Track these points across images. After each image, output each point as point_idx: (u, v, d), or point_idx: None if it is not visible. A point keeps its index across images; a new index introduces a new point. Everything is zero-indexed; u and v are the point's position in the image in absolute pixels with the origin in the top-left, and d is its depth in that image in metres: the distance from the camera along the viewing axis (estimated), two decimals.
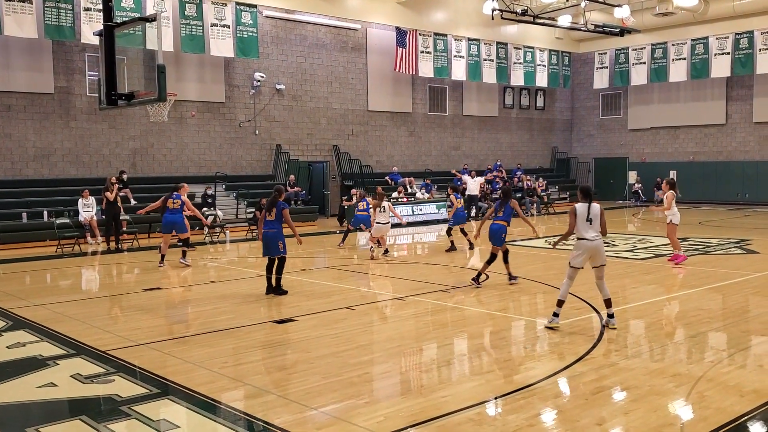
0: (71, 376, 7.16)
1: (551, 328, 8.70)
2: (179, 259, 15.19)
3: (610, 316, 8.79)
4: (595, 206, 8.76)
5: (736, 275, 12.78)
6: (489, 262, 11.96)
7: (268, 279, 11.50)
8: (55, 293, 12.51)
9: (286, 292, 11.34)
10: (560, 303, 8.80)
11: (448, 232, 17.15)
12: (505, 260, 12.22)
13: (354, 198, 21.35)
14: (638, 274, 12.97)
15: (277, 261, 11.36)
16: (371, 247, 16.22)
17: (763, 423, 5.75)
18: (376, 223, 16.03)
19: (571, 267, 8.78)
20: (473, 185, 27.41)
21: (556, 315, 8.80)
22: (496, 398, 6.30)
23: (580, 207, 8.76)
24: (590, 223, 8.67)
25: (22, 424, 5.88)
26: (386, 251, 16.30)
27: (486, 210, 27.27)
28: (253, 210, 21.00)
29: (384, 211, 16.03)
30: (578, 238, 8.75)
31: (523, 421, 5.68)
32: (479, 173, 30.11)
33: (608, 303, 8.81)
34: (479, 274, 12.05)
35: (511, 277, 12.20)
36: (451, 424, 5.65)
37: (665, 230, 14.88)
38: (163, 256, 14.93)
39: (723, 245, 17.31)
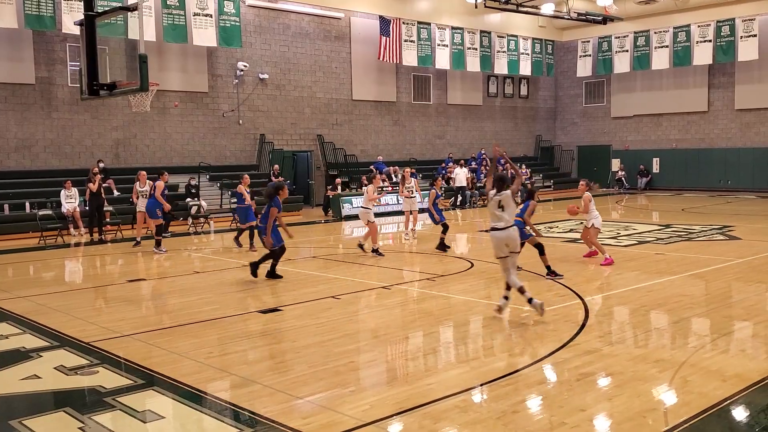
0: (55, 368, 7.13)
1: (499, 309, 8.72)
2: (153, 248, 15.64)
3: (506, 298, 8.73)
4: (507, 193, 8.56)
5: (718, 261, 12.90)
6: (541, 253, 11.50)
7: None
8: (38, 285, 12.41)
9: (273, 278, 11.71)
10: (508, 287, 8.74)
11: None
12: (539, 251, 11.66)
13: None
14: (622, 260, 13.05)
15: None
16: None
17: (745, 407, 5.82)
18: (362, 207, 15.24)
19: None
20: (461, 175, 27.44)
21: (506, 298, 8.74)
22: (481, 385, 6.33)
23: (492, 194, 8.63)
24: (502, 210, 8.52)
25: (6, 417, 5.84)
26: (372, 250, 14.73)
27: (470, 199, 27.47)
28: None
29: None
30: (491, 229, 8.64)
31: (508, 407, 5.72)
32: (465, 162, 30.17)
33: (522, 290, 8.58)
34: (549, 267, 11.47)
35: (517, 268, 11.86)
36: (437, 412, 5.68)
37: (583, 234, 13.49)
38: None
39: (705, 231, 17.46)
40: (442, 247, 14.99)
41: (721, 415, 5.59)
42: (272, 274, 11.81)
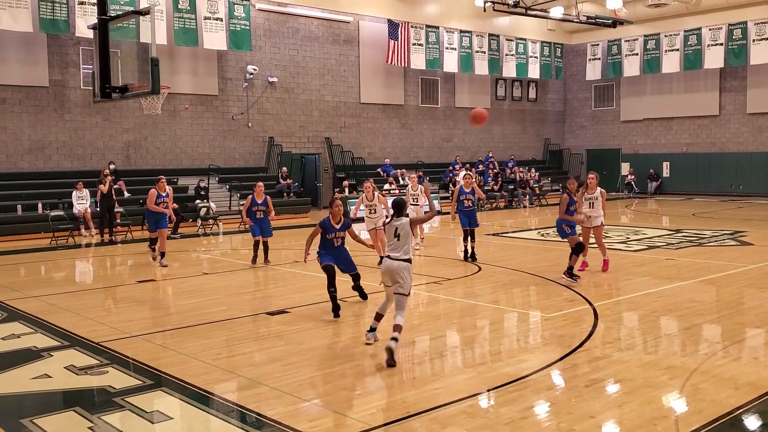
0: (65, 367, 7.17)
1: (369, 344, 7.79)
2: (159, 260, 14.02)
3: (394, 339, 7.11)
4: (405, 221, 7.49)
5: (730, 267, 12.82)
6: (575, 253, 11.20)
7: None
8: (49, 285, 12.48)
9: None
10: (378, 317, 7.89)
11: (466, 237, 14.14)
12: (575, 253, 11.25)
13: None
14: (631, 265, 13.01)
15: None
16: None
17: (758, 416, 5.75)
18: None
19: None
20: (460, 175, 27.33)
21: (372, 329, 7.90)
22: (488, 390, 6.31)
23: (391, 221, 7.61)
24: (398, 240, 7.44)
25: (17, 415, 5.89)
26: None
27: (477, 202, 27.32)
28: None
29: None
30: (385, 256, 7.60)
31: (516, 413, 5.70)
32: (471, 165, 30.13)
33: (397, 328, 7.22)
34: (572, 269, 11.22)
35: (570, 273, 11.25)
36: (444, 417, 5.67)
37: (593, 234, 12.56)
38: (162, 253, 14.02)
39: (717, 237, 17.36)
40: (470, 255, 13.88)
41: (734, 424, 5.53)
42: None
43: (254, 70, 25.77)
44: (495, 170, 30.66)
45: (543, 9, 28.98)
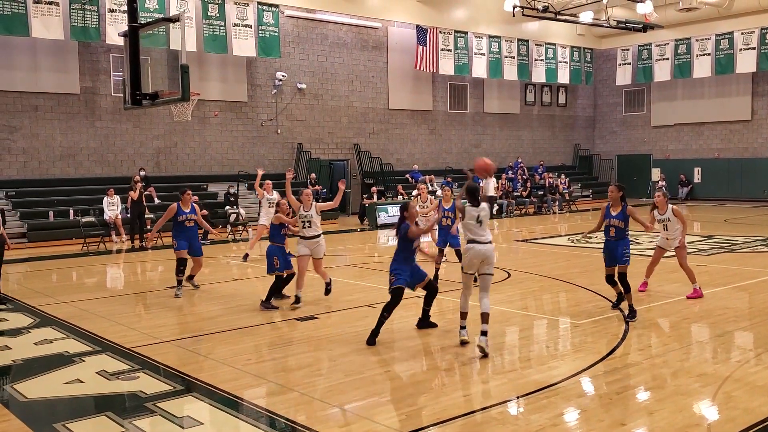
0: (97, 372, 7.25)
1: (464, 343, 7.97)
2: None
3: (483, 333, 7.64)
4: (484, 206, 7.89)
5: (763, 273, 12.61)
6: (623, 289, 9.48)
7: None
8: (81, 291, 12.65)
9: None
10: (463, 315, 8.11)
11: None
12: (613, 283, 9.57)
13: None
14: (663, 272, 12.83)
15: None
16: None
17: None
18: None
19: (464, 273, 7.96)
20: (490, 185, 27.15)
21: (463, 327, 8.09)
22: (518, 397, 6.27)
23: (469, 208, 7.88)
24: (480, 225, 7.83)
25: (50, 420, 5.98)
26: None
27: (506, 208, 27.23)
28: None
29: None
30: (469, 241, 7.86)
31: (547, 420, 5.66)
32: (500, 170, 30.01)
33: (485, 317, 7.71)
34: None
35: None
36: (474, 423, 5.64)
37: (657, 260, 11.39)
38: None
39: (749, 243, 17.09)
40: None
41: None
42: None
43: (283, 76, 25.94)
44: (524, 176, 30.49)
45: (572, 14, 28.78)
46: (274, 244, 10.30)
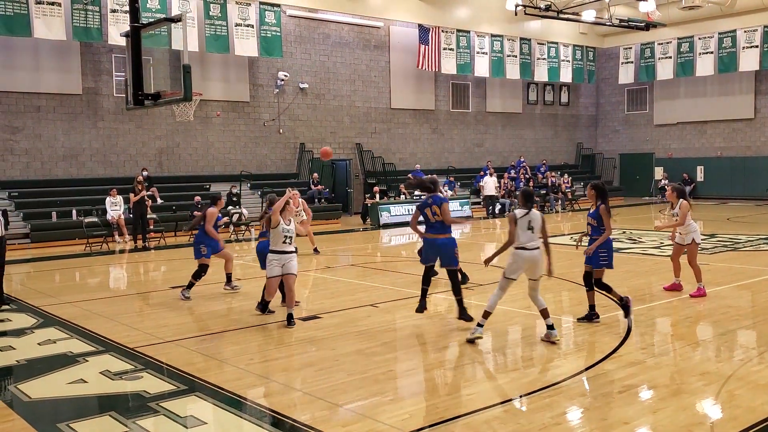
0: (101, 372, 7.26)
1: (472, 341, 8.04)
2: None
3: (550, 327, 8.02)
4: (537, 214, 8.02)
5: (766, 272, 12.60)
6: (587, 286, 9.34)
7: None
8: (84, 291, 12.67)
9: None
10: (486, 315, 8.15)
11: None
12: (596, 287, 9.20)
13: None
14: (665, 271, 12.81)
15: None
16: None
17: None
18: None
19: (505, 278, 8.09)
20: (490, 184, 27.22)
21: (480, 325, 8.14)
22: (521, 396, 6.27)
23: (520, 213, 7.96)
24: (531, 231, 7.94)
25: (54, 419, 5.99)
26: None
27: (508, 207, 27.17)
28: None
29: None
30: (516, 248, 7.98)
31: (549, 419, 5.66)
32: (503, 169, 29.99)
33: (545, 313, 8.07)
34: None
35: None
36: (477, 422, 5.65)
37: (676, 255, 11.23)
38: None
39: (752, 241, 17.07)
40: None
41: None
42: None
43: (285, 76, 25.95)
44: (527, 175, 30.47)
45: (575, 12, 28.77)
46: (266, 240, 9.74)
